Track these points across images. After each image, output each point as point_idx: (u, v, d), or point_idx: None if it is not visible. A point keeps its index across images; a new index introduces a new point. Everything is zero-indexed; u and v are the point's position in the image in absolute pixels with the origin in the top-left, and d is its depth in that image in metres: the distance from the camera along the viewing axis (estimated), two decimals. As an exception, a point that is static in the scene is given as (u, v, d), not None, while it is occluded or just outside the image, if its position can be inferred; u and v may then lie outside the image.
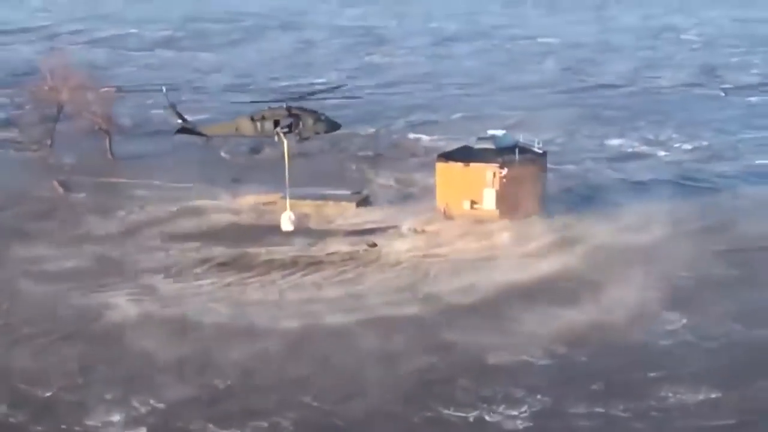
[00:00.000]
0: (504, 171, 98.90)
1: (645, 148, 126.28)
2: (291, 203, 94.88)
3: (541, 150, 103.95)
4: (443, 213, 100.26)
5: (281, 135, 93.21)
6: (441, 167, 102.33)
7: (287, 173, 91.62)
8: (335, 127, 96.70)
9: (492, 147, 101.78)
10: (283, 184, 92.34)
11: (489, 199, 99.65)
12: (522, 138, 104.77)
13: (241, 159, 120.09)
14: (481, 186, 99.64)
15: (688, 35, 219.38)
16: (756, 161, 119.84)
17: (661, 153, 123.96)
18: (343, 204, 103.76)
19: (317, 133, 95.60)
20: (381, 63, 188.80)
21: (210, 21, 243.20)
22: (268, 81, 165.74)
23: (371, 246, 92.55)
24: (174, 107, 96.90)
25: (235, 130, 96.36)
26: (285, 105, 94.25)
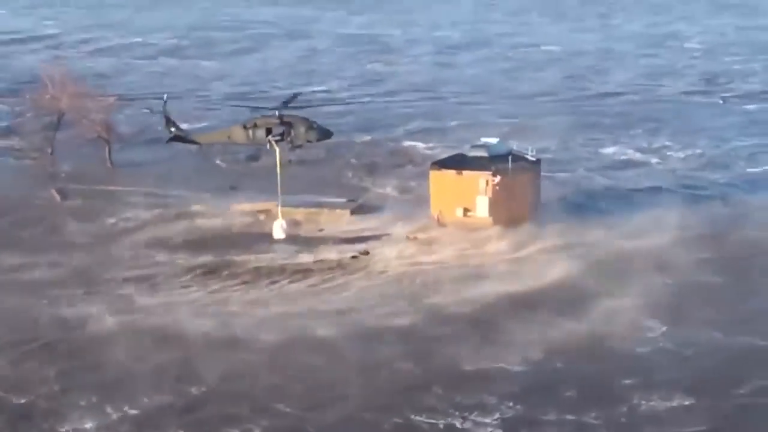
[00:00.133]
0: (497, 179, 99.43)
1: (638, 155, 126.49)
2: (286, 211, 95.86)
3: (535, 158, 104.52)
4: (437, 220, 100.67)
5: (273, 143, 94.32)
6: (434, 175, 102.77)
7: (279, 181, 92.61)
8: (327, 135, 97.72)
9: (485, 155, 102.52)
10: (283, 191, 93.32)
11: (482, 207, 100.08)
12: (516, 146, 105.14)
13: (239, 167, 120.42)
14: (474, 194, 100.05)
15: (691, 43, 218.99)
16: (748, 169, 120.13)
17: (654, 161, 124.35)
18: (338, 212, 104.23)
19: (309, 141, 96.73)
20: (383, 71, 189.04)
21: (216, 29, 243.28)
22: (269, 89, 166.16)
23: (363, 254, 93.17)
24: (167, 115, 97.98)
25: (228, 138, 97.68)
26: (277, 113, 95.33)
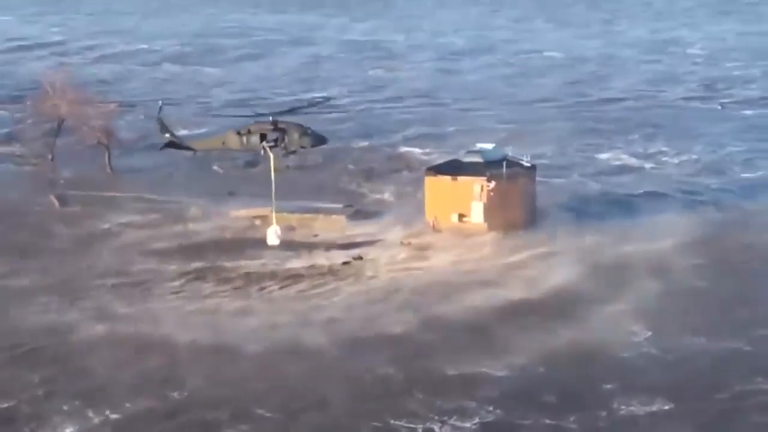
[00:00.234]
0: (491, 184, 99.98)
1: (633, 161, 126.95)
2: (282, 217, 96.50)
3: (530, 163, 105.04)
4: (432, 226, 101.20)
5: (267, 149, 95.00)
6: (429, 180, 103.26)
7: (273, 187, 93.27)
8: (322, 141, 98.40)
9: (480, 160, 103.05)
10: (279, 197, 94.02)
11: (477, 213, 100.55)
12: (512, 151, 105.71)
13: (238, 173, 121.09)
14: (469, 199, 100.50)
15: (693, 49, 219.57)
16: (743, 174, 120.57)
17: (648, 166, 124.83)
18: (334, 217, 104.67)
19: (303, 147, 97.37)
20: (384, 77, 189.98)
21: (220, 36, 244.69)
22: (270, 96, 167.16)
23: (356, 259, 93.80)
24: (161, 121, 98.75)
25: (222, 144, 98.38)
26: (271, 119, 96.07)
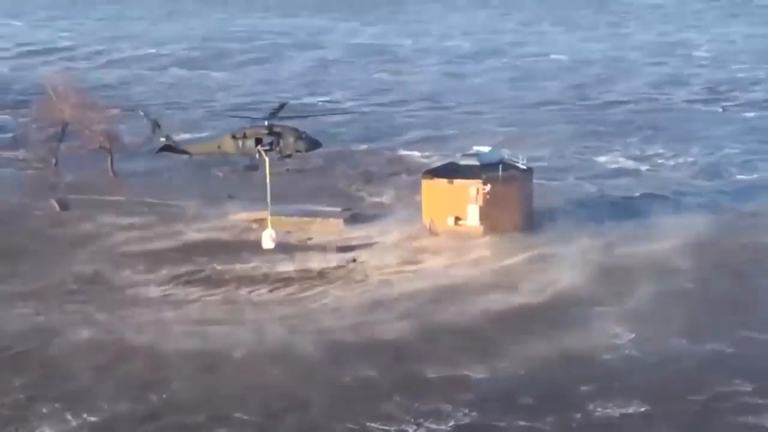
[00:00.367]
0: (487, 187, 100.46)
1: (630, 163, 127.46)
2: (279, 221, 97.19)
3: (526, 166, 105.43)
4: (428, 229, 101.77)
5: (262, 153, 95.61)
6: (426, 184, 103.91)
7: (269, 190, 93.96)
8: (316, 145, 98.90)
9: (476, 163, 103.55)
10: (279, 201, 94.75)
11: (473, 215, 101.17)
12: (508, 154, 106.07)
13: (239, 176, 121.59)
14: (465, 202, 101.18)
15: (699, 51, 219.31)
16: (738, 176, 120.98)
17: (644, 168, 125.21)
18: (331, 221, 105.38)
19: (298, 151, 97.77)
20: (389, 81, 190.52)
21: (229, 40, 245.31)
22: (275, 100, 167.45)
23: (351, 262, 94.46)
24: (157, 126, 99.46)
25: (218, 148, 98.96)
26: (266, 123, 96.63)
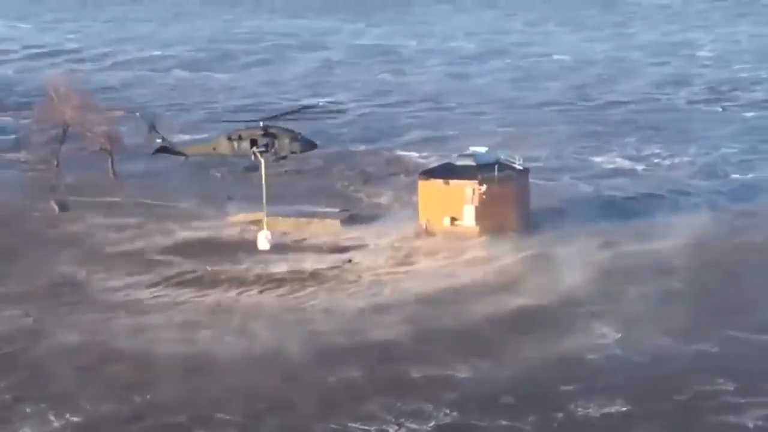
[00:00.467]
0: (483, 188, 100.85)
1: (627, 163, 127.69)
2: (276, 221, 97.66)
3: (522, 167, 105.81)
4: (425, 229, 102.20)
5: (258, 155, 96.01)
6: (422, 184, 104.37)
7: (264, 191, 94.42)
8: (312, 147, 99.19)
9: (473, 164, 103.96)
10: (277, 202, 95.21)
11: (469, 216, 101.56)
12: (505, 155, 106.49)
13: (239, 177, 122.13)
14: (461, 203, 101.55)
15: (703, 51, 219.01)
16: (733, 176, 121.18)
17: (640, 168, 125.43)
18: (328, 222, 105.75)
19: (293, 153, 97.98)
20: (392, 82, 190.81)
21: (234, 42, 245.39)
22: (276, 101, 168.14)
23: (346, 263, 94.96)
24: (153, 127, 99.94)
25: (213, 149, 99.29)
26: (261, 124, 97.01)
